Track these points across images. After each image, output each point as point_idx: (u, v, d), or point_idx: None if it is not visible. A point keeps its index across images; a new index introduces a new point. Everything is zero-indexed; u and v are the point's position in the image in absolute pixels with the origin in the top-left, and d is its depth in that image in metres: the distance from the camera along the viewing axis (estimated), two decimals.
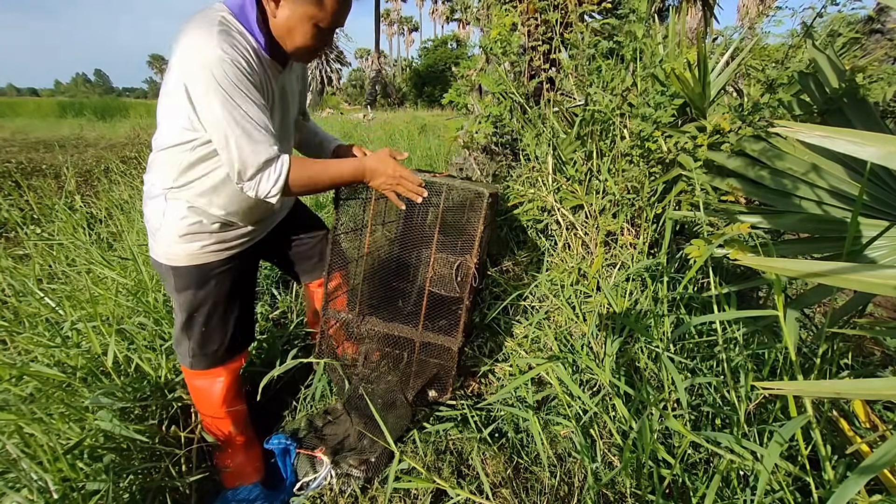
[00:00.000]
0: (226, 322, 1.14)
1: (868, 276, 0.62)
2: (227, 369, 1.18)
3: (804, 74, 1.29)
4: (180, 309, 1.10)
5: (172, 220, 1.01)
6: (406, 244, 1.34)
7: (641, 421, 0.95)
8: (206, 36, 0.84)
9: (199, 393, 1.19)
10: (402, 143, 5.80)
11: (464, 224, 1.20)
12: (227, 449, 1.20)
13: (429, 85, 27.26)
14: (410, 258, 1.34)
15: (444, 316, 1.23)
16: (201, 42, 0.84)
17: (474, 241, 1.12)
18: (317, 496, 1.17)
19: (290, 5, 0.91)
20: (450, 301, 1.25)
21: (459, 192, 1.14)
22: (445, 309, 1.23)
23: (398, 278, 1.39)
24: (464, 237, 1.19)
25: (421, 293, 1.20)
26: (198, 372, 1.15)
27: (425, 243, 1.21)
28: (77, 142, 7.13)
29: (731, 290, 1.12)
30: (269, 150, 0.90)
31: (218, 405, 1.17)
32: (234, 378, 1.20)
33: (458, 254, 1.22)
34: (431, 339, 1.24)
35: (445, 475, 1.23)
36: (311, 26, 0.93)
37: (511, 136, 2.59)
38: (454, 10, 45.50)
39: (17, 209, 3.05)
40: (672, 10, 2.23)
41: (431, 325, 1.24)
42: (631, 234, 1.75)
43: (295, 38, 0.94)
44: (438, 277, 1.26)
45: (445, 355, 1.27)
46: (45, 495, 0.89)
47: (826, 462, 0.81)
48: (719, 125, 1.33)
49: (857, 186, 1.07)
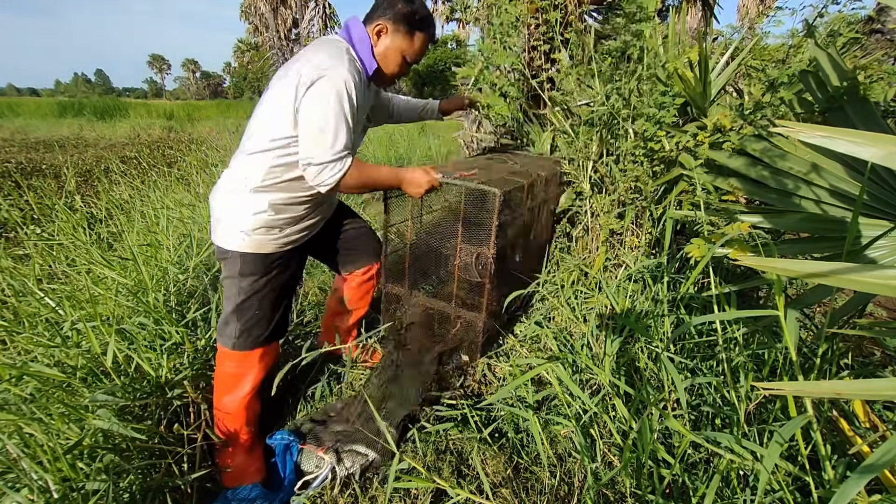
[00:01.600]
0: (275, 308, 1.26)
1: (868, 276, 0.62)
2: (263, 362, 1.24)
3: (806, 73, 1.28)
4: (239, 292, 1.21)
5: (251, 212, 1.17)
6: (439, 235, 1.55)
7: (641, 421, 0.94)
8: (338, 59, 1.11)
9: (228, 380, 1.21)
10: (402, 143, 5.80)
11: (482, 219, 1.37)
12: (230, 448, 1.20)
13: (429, 85, 27.24)
14: (443, 247, 1.55)
15: (473, 296, 1.47)
16: (335, 63, 1.09)
17: (490, 234, 1.30)
18: (317, 496, 1.17)
19: (389, 38, 1.21)
20: (477, 284, 1.45)
21: (475, 192, 1.34)
22: (474, 291, 1.47)
23: (435, 263, 1.65)
24: (483, 230, 1.36)
25: (453, 276, 1.47)
26: (238, 353, 1.20)
27: (454, 234, 1.44)
28: (77, 142, 7.13)
29: (731, 290, 1.12)
30: (342, 152, 1.12)
31: (241, 398, 1.20)
32: (264, 374, 1.24)
33: (479, 245, 1.40)
34: (462, 315, 1.49)
35: (445, 475, 1.23)
36: (401, 57, 1.23)
37: (512, 136, 2.59)
38: (454, 10, 45.27)
39: (17, 209, 3.05)
40: (672, 10, 2.23)
41: (462, 302, 1.49)
42: (635, 236, 1.75)
43: (389, 63, 1.23)
44: (464, 265, 1.45)
45: (473, 328, 1.50)
46: (45, 495, 0.89)
47: (826, 462, 0.81)
48: (720, 123, 1.33)
49: (857, 186, 1.07)
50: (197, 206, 2.62)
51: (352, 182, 1.18)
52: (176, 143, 7.00)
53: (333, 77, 1.08)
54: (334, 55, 1.12)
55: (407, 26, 1.19)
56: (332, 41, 1.19)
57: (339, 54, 1.13)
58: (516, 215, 1.52)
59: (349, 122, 1.11)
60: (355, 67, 1.14)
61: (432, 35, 1.25)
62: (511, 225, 1.50)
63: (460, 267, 1.43)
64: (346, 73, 1.09)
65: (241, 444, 1.20)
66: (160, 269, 1.81)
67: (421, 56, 1.26)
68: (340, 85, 1.08)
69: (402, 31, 1.20)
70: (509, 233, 1.51)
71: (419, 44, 1.23)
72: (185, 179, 3.73)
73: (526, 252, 1.75)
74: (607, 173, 1.78)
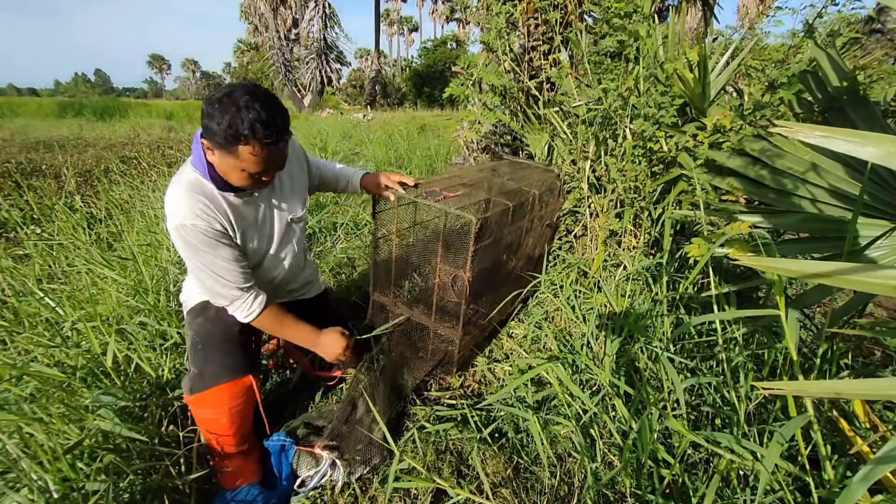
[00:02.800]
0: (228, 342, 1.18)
1: (868, 276, 0.62)
2: (227, 401, 1.14)
3: (805, 73, 1.28)
4: (192, 336, 1.19)
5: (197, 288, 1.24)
6: (421, 252, 1.55)
7: (641, 421, 0.94)
8: (174, 203, 1.03)
9: (206, 426, 1.16)
10: (402, 143, 5.80)
11: (461, 243, 1.35)
12: (226, 452, 1.20)
13: (428, 85, 27.23)
14: (426, 263, 1.56)
15: (451, 314, 1.47)
16: (171, 209, 1.03)
17: (467, 259, 1.30)
18: (317, 496, 1.17)
19: (217, 157, 1.01)
20: (454, 303, 1.46)
21: (454, 217, 1.33)
22: (451, 312, 1.47)
23: (420, 276, 1.67)
24: (461, 254, 1.35)
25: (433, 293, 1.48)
26: (196, 397, 1.12)
27: (435, 252, 1.43)
28: (77, 142, 7.12)
29: (730, 290, 1.12)
30: (231, 293, 1.11)
31: (225, 430, 1.15)
32: (237, 411, 1.16)
33: (457, 266, 1.41)
34: (440, 330, 1.50)
35: (445, 475, 1.23)
36: (240, 171, 1.01)
37: (512, 136, 2.59)
38: (454, 10, 45.42)
39: (17, 209, 3.05)
40: (672, 10, 2.23)
41: (440, 318, 1.50)
42: (634, 236, 1.75)
43: (232, 180, 1.04)
44: (442, 284, 1.46)
45: (450, 343, 1.52)
46: (45, 495, 0.89)
47: (826, 462, 0.81)
48: (720, 123, 1.33)
49: (857, 186, 1.07)
50: None
51: (265, 327, 1.21)
52: (176, 143, 7.00)
53: (172, 223, 1.02)
54: (171, 194, 1.05)
55: (221, 144, 0.96)
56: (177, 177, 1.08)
57: (175, 189, 1.05)
58: (500, 237, 1.53)
59: (221, 253, 1.07)
60: (197, 197, 1.04)
61: (262, 143, 0.95)
62: (493, 247, 1.50)
63: (440, 285, 1.44)
64: (181, 217, 1.02)
65: (237, 447, 1.21)
66: (160, 269, 1.81)
67: (264, 164, 1.00)
68: (184, 232, 1.02)
69: (220, 148, 0.97)
70: (491, 254, 1.52)
71: (247, 156, 0.96)
72: None
73: (517, 261, 1.78)
74: (605, 173, 1.78)
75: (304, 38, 20.18)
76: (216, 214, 1.06)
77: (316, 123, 9.83)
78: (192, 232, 1.03)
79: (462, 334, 1.44)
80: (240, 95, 0.94)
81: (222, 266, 1.08)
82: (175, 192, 1.04)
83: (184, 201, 1.03)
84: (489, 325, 1.73)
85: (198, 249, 1.05)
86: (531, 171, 2.02)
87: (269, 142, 0.96)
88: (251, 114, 0.92)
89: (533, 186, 1.71)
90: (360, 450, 1.25)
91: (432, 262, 1.44)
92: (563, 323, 1.78)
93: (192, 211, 1.02)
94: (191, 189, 1.04)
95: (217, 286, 1.09)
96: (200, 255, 1.06)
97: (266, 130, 0.94)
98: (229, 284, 1.10)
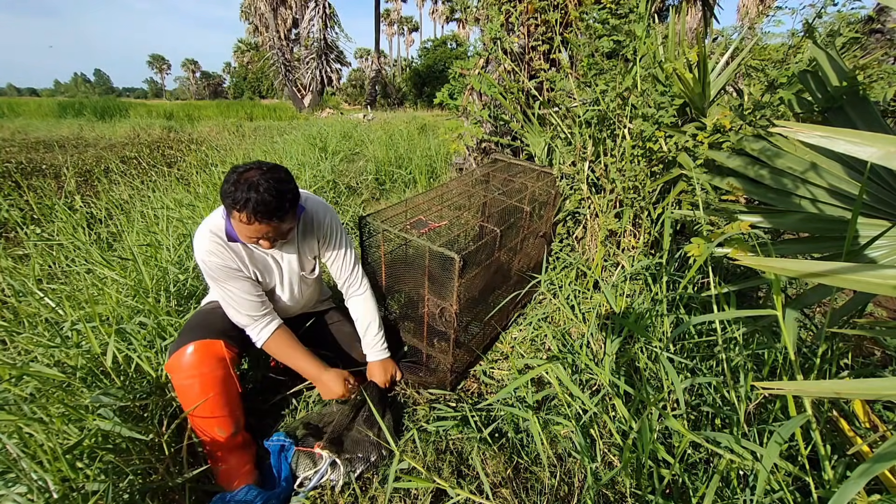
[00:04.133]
0: (214, 314, 1.32)
1: (868, 276, 0.62)
2: (201, 361, 1.18)
3: (805, 73, 1.28)
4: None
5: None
6: (409, 280, 1.60)
7: (641, 421, 0.94)
8: (197, 239, 1.24)
9: (180, 393, 1.18)
10: (403, 143, 5.80)
11: (445, 277, 1.40)
12: (219, 452, 1.20)
13: (429, 85, 27.24)
14: (415, 293, 1.60)
15: (443, 336, 1.54)
16: (195, 245, 1.25)
17: (453, 293, 1.36)
18: (316, 496, 1.17)
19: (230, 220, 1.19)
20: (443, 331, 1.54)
21: (436, 253, 1.36)
22: (441, 336, 1.55)
23: (413, 307, 1.68)
24: (446, 287, 1.40)
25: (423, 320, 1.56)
26: (171, 360, 1.18)
27: (422, 285, 1.48)
28: (77, 142, 7.13)
29: (730, 290, 1.12)
30: (242, 320, 1.29)
31: (197, 399, 1.15)
32: (207, 370, 1.18)
33: (444, 298, 1.45)
34: (432, 353, 1.58)
35: (445, 475, 1.23)
36: (240, 233, 1.18)
37: (512, 136, 2.59)
38: (454, 10, 45.40)
39: (17, 209, 3.05)
40: (672, 10, 2.23)
41: (434, 341, 1.58)
42: (633, 236, 1.75)
43: (240, 235, 1.20)
44: (430, 314, 1.52)
45: (444, 365, 1.57)
46: (45, 495, 0.89)
47: (826, 462, 0.81)
48: (720, 123, 1.33)
49: (857, 186, 1.07)
50: (197, 207, 2.62)
51: (271, 352, 1.35)
52: (176, 143, 7.00)
53: (196, 256, 1.24)
54: (198, 232, 1.25)
55: (226, 206, 1.13)
56: (206, 222, 1.27)
57: (201, 229, 1.25)
58: (489, 263, 1.58)
59: (237, 283, 1.25)
60: (217, 239, 1.23)
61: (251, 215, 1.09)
62: (482, 273, 1.55)
63: (429, 314, 1.52)
64: (200, 253, 1.22)
65: (230, 445, 1.21)
66: (160, 270, 1.81)
67: (256, 233, 1.15)
68: (202, 265, 1.23)
69: (226, 208, 1.14)
70: (480, 280, 1.57)
71: (238, 222, 1.13)
72: (185, 179, 3.73)
73: (511, 277, 1.86)
74: (604, 173, 1.78)
75: (304, 38, 20.17)
76: (231, 255, 1.25)
77: (316, 124, 9.83)
78: (208, 266, 1.23)
79: (453, 360, 1.50)
80: (253, 174, 1.12)
81: (235, 295, 1.26)
82: (201, 231, 1.24)
83: (204, 240, 1.23)
84: (483, 340, 1.76)
85: (215, 280, 1.24)
86: (527, 176, 2.02)
87: (257, 217, 1.11)
88: (252, 192, 1.08)
89: (525, 200, 1.73)
90: (360, 447, 1.25)
91: (420, 292, 1.50)
92: (562, 323, 1.78)
93: (208, 249, 1.22)
94: (212, 231, 1.24)
95: (230, 311, 1.28)
96: (217, 284, 1.25)
97: (257, 207, 1.09)
98: (241, 312, 1.27)
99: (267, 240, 1.20)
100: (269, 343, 1.31)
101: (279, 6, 20.13)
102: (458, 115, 2.60)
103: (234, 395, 1.23)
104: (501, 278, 1.84)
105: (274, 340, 1.32)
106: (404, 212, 1.62)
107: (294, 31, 21.39)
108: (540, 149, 2.22)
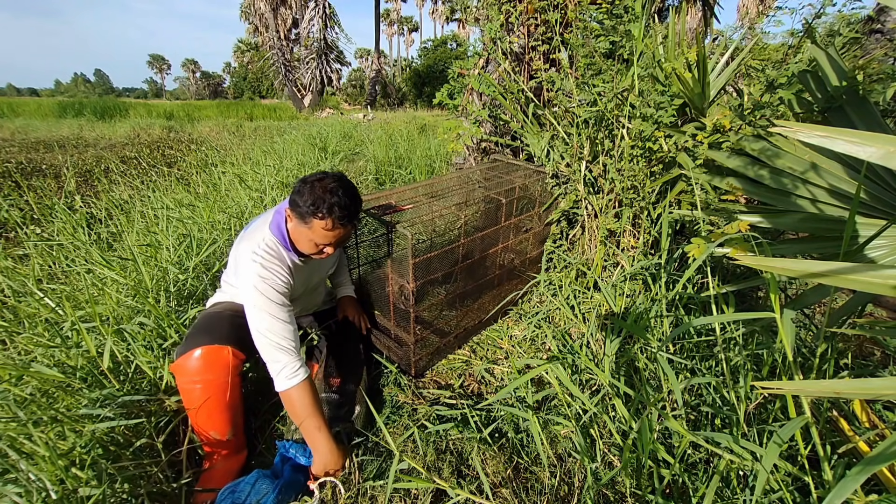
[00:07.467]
0: (221, 320, 1.29)
1: (868, 276, 0.62)
2: (206, 367, 1.17)
3: (805, 73, 1.28)
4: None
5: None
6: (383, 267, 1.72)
7: (641, 421, 0.94)
8: (248, 265, 1.20)
9: (184, 396, 1.18)
10: (402, 143, 5.80)
11: (403, 256, 1.49)
12: (216, 454, 1.20)
13: (429, 85, 27.22)
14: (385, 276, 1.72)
15: (404, 319, 1.62)
16: (245, 270, 1.20)
17: (409, 270, 1.45)
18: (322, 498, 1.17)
19: (293, 224, 1.22)
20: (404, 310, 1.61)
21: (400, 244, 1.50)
22: (403, 315, 1.63)
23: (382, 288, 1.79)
24: (404, 265, 1.49)
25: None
26: (178, 362, 1.18)
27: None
28: (77, 142, 7.13)
29: (729, 290, 1.11)
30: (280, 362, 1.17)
31: (197, 402, 1.15)
32: (212, 377, 1.17)
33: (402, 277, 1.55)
34: (398, 332, 1.66)
35: (445, 475, 1.23)
36: (309, 241, 1.21)
37: (512, 136, 2.59)
38: (454, 10, 45.36)
39: (17, 209, 3.05)
40: (672, 10, 2.23)
41: (398, 323, 1.68)
42: (633, 236, 1.75)
43: (301, 247, 1.24)
44: (395, 294, 1.63)
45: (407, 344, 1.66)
46: (42, 494, 0.89)
47: (825, 462, 0.81)
48: (719, 123, 1.33)
49: (857, 186, 1.07)
50: (197, 207, 2.61)
51: (287, 401, 1.20)
52: (176, 143, 7.00)
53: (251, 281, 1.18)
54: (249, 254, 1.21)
55: (299, 215, 1.17)
56: (252, 237, 1.25)
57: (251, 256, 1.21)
58: (452, 249, 1.66)
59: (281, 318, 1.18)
60: (269, 261, 1.21)
61: (336, 220, 1.15)
62: (445, 256, 1.63)
63: (393, 293, 1.61)
64: (264, 274, 1.19)
65: (226, 449, 1.21)
66: (160, 270, 1.81)
67: (332, 239, 1.19)
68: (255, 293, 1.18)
69: (297, 219, 1.18)
70: (445, 264, 1.65)
71: (319, 229, 1.16)
72: (185, 179, 3.73)
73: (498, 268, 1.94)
74: (602, 173, 1.78)
75: (304, 38, 20.17)
76: (279, 272, 1.23)
77: (316, 124, 9.83)
78: (272, 286, 1.19)
79: (414, 339, 1.56)
80: (329, 181, 1.16)
81: (282, 328, 1.18)
82: (249, 256, 1.21)
83: (256, 263, 1.20)
84: (461, 331, 1.83)
85: (268, 305, 1.17)
86: (516, 174, 2.03)
87: (341, 222, 1.16)
88: (334, 198, 1.13)
89: (502, 194, 1.77)
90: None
91: (386, 272, 1.61)
92: (562, 323, 1.78)
93: (261, 270, 1.19)
94: (266, 251, 1.23)
95: (269, 343, 1.17)
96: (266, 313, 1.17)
97: (342, 212, 1.14)
98: (282, 345, 1.18)
99: (333, 245, 1.23)
100: (296, 389, 1.17)
101: (279, 6, 20.11)
102: (457, 115, 2.60)
103: (236, 401, 1.23)
104: (482, 269, 1.93)
105: (302, 388, 1.18)
106: (380, 197, 1.71)
107: (294, 31, 21.37)
108: (539, 149, 2.22)
